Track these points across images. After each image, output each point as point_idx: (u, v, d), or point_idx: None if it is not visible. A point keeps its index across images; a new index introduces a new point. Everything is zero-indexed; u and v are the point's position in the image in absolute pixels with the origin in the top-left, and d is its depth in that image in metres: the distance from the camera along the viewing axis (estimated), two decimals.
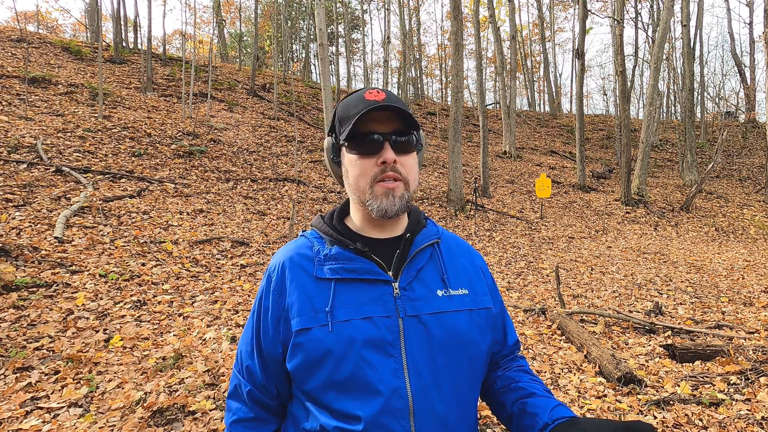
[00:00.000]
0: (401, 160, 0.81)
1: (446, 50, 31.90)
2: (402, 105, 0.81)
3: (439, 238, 0.90)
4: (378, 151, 0.80)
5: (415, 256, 0.84)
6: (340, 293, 0.79)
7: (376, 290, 0.80)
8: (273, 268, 0.86)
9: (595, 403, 2.81)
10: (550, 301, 5.13)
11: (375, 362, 0.75)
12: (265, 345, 0.84)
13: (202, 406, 2.50)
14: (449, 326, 0.80)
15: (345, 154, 0.84)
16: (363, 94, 0.82)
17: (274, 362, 0.84)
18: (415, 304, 0.80)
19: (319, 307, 0.78)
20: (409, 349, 0.77)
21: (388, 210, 0.80)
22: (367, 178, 0.81)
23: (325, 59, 10.16)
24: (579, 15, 14.14)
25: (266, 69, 23.90)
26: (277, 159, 10.40)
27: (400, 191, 0.80)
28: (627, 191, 12.44)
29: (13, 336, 3.03)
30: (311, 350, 0.76)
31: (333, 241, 0.85)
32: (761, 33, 18.36)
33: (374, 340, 0.76)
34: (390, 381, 0.75)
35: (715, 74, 30.64)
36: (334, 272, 0.81)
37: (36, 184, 5.76)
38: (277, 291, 0.83)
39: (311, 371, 0.77)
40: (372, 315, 0.77)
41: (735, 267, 7.34)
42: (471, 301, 0.85)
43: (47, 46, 13.85)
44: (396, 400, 0.74)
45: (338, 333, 0.76)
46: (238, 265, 5.17)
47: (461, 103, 9.96)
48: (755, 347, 3.60)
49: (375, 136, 0.80)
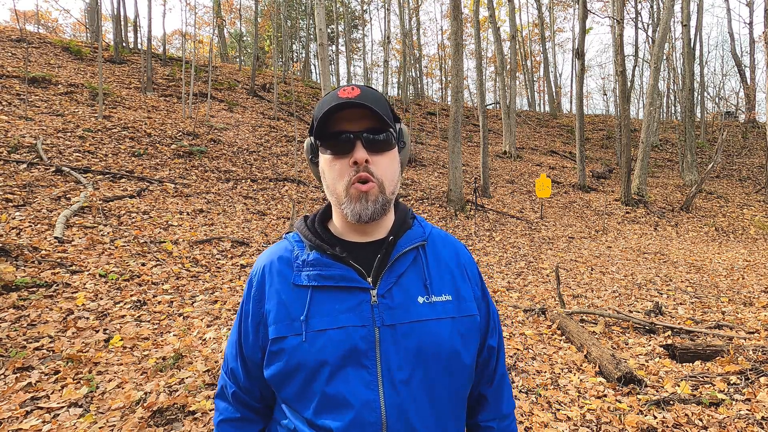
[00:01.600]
0: (375, 159, 0.77)
1: (446, 50, 31.90)
2: (375, 102, 0.76)
3: (425, 240, 0.85)
4: (350, 151, 0.76)
5: (396, 261, 0.80)
6: (317, 301, 0.76)
7: (354, 298, 0.76)
8: (254, 272, 0.85)
9: (595, 403, 2.81)
10: (550, 301, 5.13)
11: (347, 374, 0.73)
12: (246, 350, 0.83)
13: (202, 406, 2.50)
14: (429, 336, 0.76)
15: (320, 155, 0.81)
16: (338, 91, 0.77)
17: (256, 367, 0.83)
18: (393, 312, 0.76)
19: (295, 315, 0.76)
20: (385, 360, 0.74)
21: (361, 214, 0.76)
22: (342, 180, 0.77)
23: (325, 59, 10.17)
24: (579, 15, 14.14)
25: (266, 69, 23.91)
26: (277, 159, 10.40)
27: (374, 194, 0.76)
28: (627, 191, 12.44)
29: (13, 336, 3.03)
30: (285, 359, 0.75)
31: (312, 245, 0.81)
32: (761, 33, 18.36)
33: (348, 351, 0.73)
34: (362, 393, 0.72)
35: (715, 74, 30.62)
36: (311, 279, 0.78)
37: (36, 184, 5.76)
38: (257, 296, 0.82)
39: (285, 380, 0.76)
40: (347, 324, 0.74)
41: (735, 267, 7.34)
42: (454, 309, 0.80)
43: (47, 46, 13.85)
44: (368, 413, 0.72)
45: (312, 343, 0.74)
46: (238, 265, 5.17)
47: (461, 103, 9.96)
48: (755, 347, 3.60)
49: (345, 135, 0.76)
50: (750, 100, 23.37)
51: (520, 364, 3.47)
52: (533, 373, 3.33)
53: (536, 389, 3.04)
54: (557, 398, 2.92)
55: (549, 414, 2.72)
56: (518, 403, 2.85)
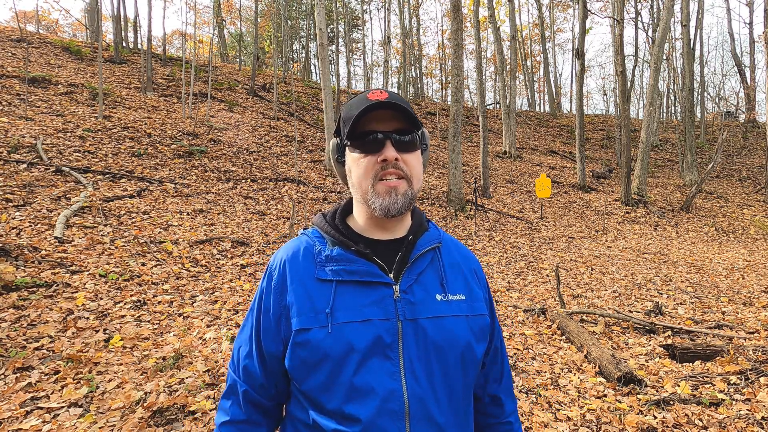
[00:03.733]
0: (404, 158, 0.81)
1: (446, 50, 31.90)
2: (404, 104, 0.81)
3: (440, 242, 0.90)
4: (379, 150, 0.80)
5: (416, 260, 0.85)
6: (341, 295, 0.79)
7: (377, 293, 0.80)
8: (274, 266, 0.86)
9: (595, 403, 2.81)
10: (550, 301, 5.13)
11: (372, 364, 0.76)
12: (265, 343, 0.84)
13: (202, 406, 2.50)
14: (447, 331, 0.80)
15: (348, 154, 0.85)
16: (366, 94, 0.82)
17: (275, 360, 0.84)
18: (414, 307, 0.80)
19: (320, 307, 0.78)
20: (407, 352, 0.77)
21: (390, 208, 0.80)
22: (369, 177, 0.81)
23: (325, 59, 10.17)
24: (579, 15, 14.14)
25: (266, 69, 23.91)
26: (277, 159, 10.40)
27: (402, 189, 0.80)
28: (627, 191, 12.44)
29: (13, 336, 3.03)
30: (310, 351, 0.77)
31: (335, 241, 0.85)
32: (761, 33, 18.35)
33: (373, 342, 0.76)
34: (387, 383, 0.75)
35: (715, 74, 30.60)
36: (336, 274, 0.81)
37: (36, 184, 5.76)
38: (278, 289, 0.83)
39: (309, 372, 0.78)
40: (372, 317, 0.78)
41: (735, 267, 7.34)
42: (468, 308, 0.85)
43: (47, 46, 13.85)
44: (392, 403, 0.75)
45: (337, 334, 0.76)
46: (238, 265, 5.17)
47: (461, 103, 9.96)
48: (755, 347, 3.60)
49: (376, 135, 0.80)
50: (750, 100, 23.38)
51: (520, 364, 3.47)
52: (533, 373, 3.33)
53: (536, 389, 3.04)
54: (557, 398, 2.92)
55: (549, 414, 2.72)
56: (518, 403, 2.84)
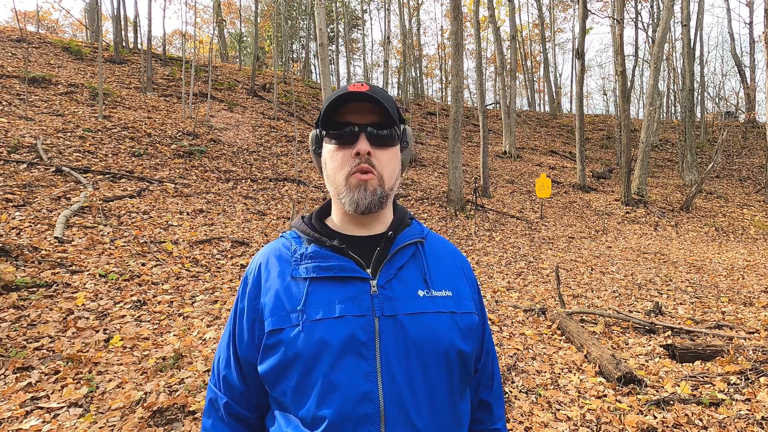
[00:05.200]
0: (377, 153, 0.79)
1: (446, 50, 31.89)
2: (384, 99, 0.79)
3: (423, 237, 0.87)
4: (353, 142, 0.78)
5: (395, 254, 0.81)
6: (315, 292, 0.76)
7: (352, 288, 0.76)
8: (250, 270, 0.85)
9: (595, 403, 2.81)
10: (550, 301, 5.13)
11: (346, 364, 0.71)
12: (240, 350, 0.81)
13: (202, 406, 2.50)
14: (429, 328, 0.76)
15: (324, 145, 0.84)
16: (348, 86, 0.80)
17: (251, 368, 0.80)
18: (393, 303, 0.75)
19: (292, 306, 0.75)
20: (384, 351, 0.72)
21: (359, 202, 0.77)
22: (343, 170, 0.79)
23: (325, 59, 10.17)
24: (579, 15, 14.14)
25: (266, 69, 23.91)
26: (277, 159, 10.40)
27: (372, 185, 0.78)
28: (627, 191, 12.44)
29: (13, 336, 3.03)
30: (282, 352, 0.73)
31: (310, 239, 0.82)
32: (761, 33, 18.35)
33: (346, 340, 0.72)
34: (361, 385, 0.71)
35: (715, 74, 30.64)
36: (309, 271, 0.78)
37: (36, 184, 5.76)
38: (253, 292, 0.81)
39: (282, 374, 0.74)
40: (345, 314, 0.73)
41: (735, 267, 7.34)
42: (454, 304, 0.81)
43: (47, 46, 13.85)
44: (366, 406, 0.70)
45: (309, 333, 0.72)
46: (238, 265, 5.17)
47: (461, 103, 9.96)
48: (755, 347, 3.60)
49: (352, 127, 0.78)
50: (750, 100, 23.38)
51: (520, 364, 3.46)
52: (533, 373, 3.33)
53: (536, 389, 3.04)
54: (557, 398, 2.92)
55: (549, 414, 2.72)
56: (518, 403, 2.85)
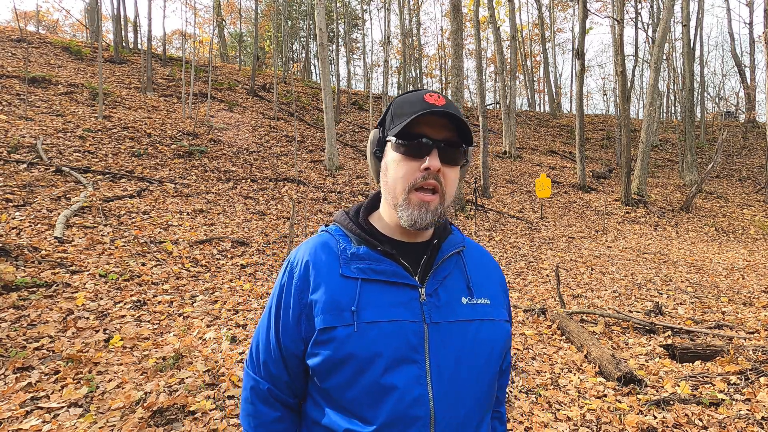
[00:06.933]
0: (445, 170, 0.78)
1: (446, 50, 31.91)
2: (460, 115, 0.79)
3: (464, 245, 0.89)
4: (424, 156, 0.77)
5: (442, 263, 0.83)
6: (367, 293, 0.77)
7: (404, 294, 0.78)
8: (296, 263, 0.84)
9: (595, 403, 2.81)
10: (550, 301, 5.13)
11: (399, 367, 0.73)
12: (284, 341, 0.82)
13: (202, 406, 2.50)
14: (472, 335, 0.79)
15: (389, 151, 0.82)
16: (423, 95, 0.79)
17: (294, 358, 0.82)
18: (440, 310, 0.78)
19: (345, 305, 0.76)
20: (433, 356, 0.75)
21: (417, 222, 0.78)
22: (406, 183, 0.78)
23: (325, 59, 10.17)
24: (579, 15, 14.13)
25: (266, 69, 23.92)
26: (277, 159, 10.40)
27: (434, 204, 0.78)
28: (627, 191, 12.44)
29: (13, 336, 3.03)
30: (334, 350, 0.74)
31: (360, 240, 0.83)
32: (761, 33, 18.35)
33: (400, 344, 0.74)
34: (413, 388, 0.73)
35: (715, 74, 30.66)
36: (361, 272, 0.79)
37: (36, 184, 5.76)
38: (299, 287, 0.81)
39: (333, 371, 0.76)
40: (399, 318, 0.76)
41: (735, 267, 7.34)
42: (492, 312, 0.84)
43: (47, 46, 13.86)
44: (418, 408, 0.73)
45: (363, 334, 0.74)
46: (238, 265, 5.17)
47: (461, 103, 9.96)
48: (755, 347, 3.60)
49: (425, 140, 0.77)
50: (750, 100, 23.38)
51: (520, 364, 3.46)
52: (533, 373, 3.33)
53: (536, 389, 3.04)
54: (557, 398, 2.92)
55: (549, 414, 2.72)
56: (518, 403, 2.85)
